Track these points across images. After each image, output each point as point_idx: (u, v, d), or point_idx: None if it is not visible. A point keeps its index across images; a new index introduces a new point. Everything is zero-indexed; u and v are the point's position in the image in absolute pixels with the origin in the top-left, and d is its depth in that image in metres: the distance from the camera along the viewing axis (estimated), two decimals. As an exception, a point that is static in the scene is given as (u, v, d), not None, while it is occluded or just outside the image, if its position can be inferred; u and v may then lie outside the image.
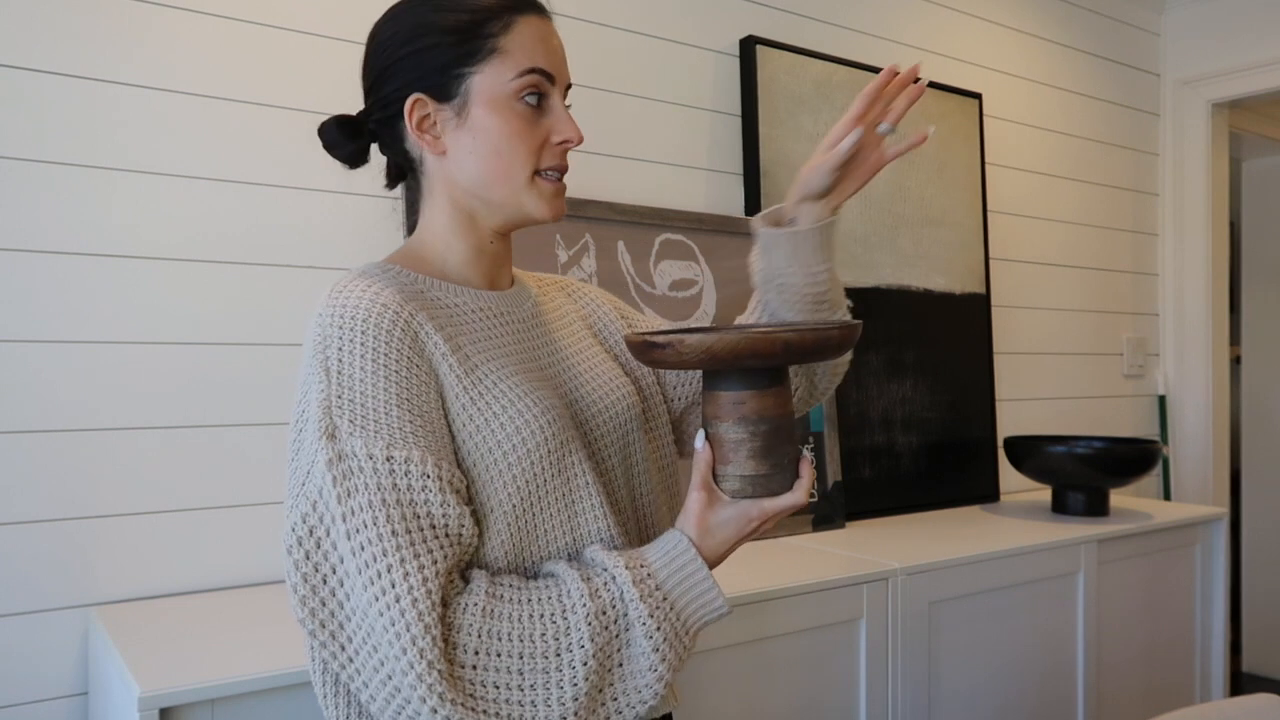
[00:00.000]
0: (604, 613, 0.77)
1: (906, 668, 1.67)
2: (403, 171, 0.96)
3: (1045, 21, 2.77)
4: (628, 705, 0.78)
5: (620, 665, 0.78)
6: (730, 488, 0.84)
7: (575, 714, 0.75)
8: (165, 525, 1.47)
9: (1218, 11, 2.96)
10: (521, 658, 0.75)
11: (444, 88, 0.87)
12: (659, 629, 0.78)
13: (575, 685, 0.75)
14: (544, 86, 0.88)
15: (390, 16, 0.90)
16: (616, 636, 0.78)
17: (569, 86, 0.92)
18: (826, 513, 2.02)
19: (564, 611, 0.77)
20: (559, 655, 0.75)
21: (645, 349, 0.81)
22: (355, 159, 0.94)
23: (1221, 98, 2.95)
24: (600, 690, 0.77)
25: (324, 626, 0.76)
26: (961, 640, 1.78)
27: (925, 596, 1.70)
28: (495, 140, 0.87)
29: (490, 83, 0.86)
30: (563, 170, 0.90)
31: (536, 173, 0.89)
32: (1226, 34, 2.94)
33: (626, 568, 0.79)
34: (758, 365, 0.80)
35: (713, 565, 0.83)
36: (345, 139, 0.92)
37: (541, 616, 0.76)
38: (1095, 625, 2.01)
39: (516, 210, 0.89)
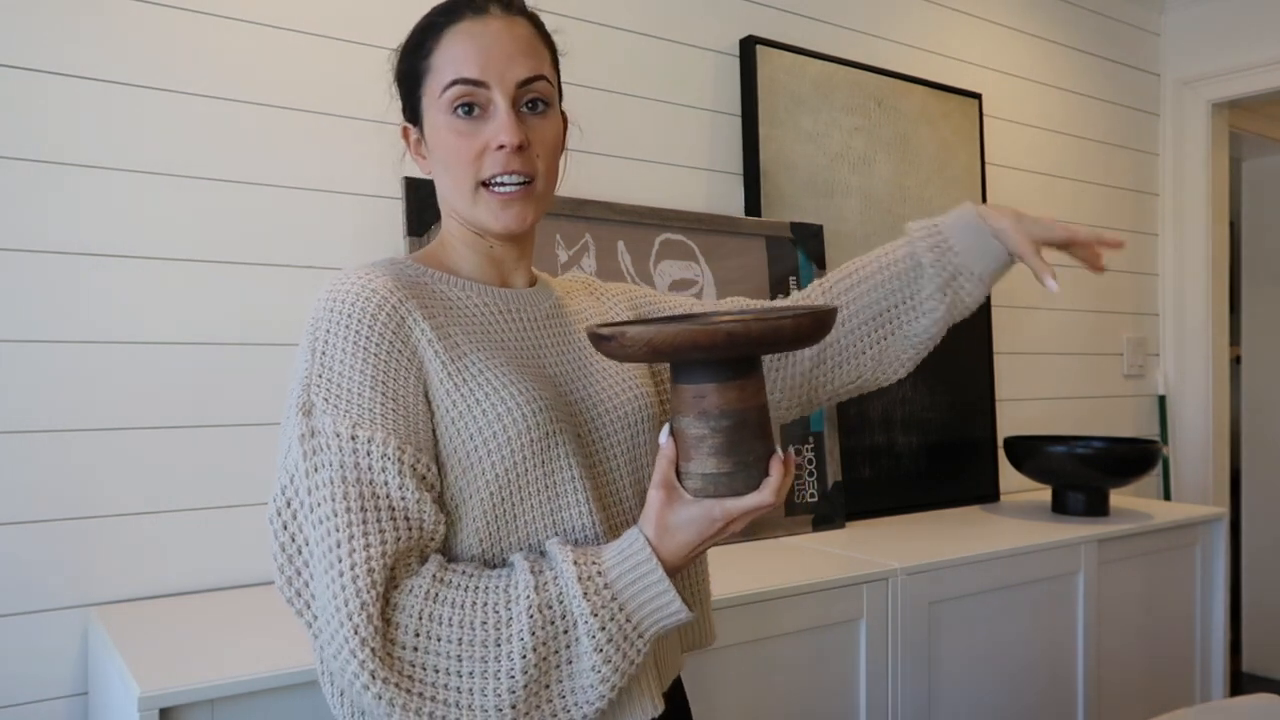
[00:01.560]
0: (549, 607, 0.76)
1: (906, 668, 1.67)
2: None
3: (1045, 21, 2.77)
4: (575, 705, 0.77)
5: (569, 663, 0.77)
6: (691, 486, 0.79)
7: (513, 706, 0.74)
8: (165, 525, 1.47)
9: (1218, 11, 2.96)
10: (460, 644, 0.75)
11: (413, 113, 0.92)
12: (603, 629, 0.76)
13: (513, 678, 0.74)
14: (474, 95, 0.85)
15: None
16: (564, 633, 0.77)
17: (530, 80, 0.87)
18: (826, 513, 2.02)
19: (508, 603, 0.76)
20: (498, 645, 0.75)
21: (596, 341, 0.79)
22: None
23: (1221, 98, 2.95)
24: (547, 686, 0.76)
25: (299, 595, 0.79)
26: (961, 640, 1.78)
27: (925, 596, 1.70)
28: (440, 157, 0.89)
29: (429, 101, 0.88)
30: (518, 175, 0.86)
31: (484, 184, 0.87)
32: (1226, 34, 2.94)
33: (575, 564, 0.78)
34: (702, 358, 0.76)
35: (674, 567, 0.80)
36: None
37: (485, 605, 0.76)
38: (1095, 625, 2.01)
39: (475, 223, 0.89)
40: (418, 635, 0.74)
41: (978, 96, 2.53)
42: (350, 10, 1.64)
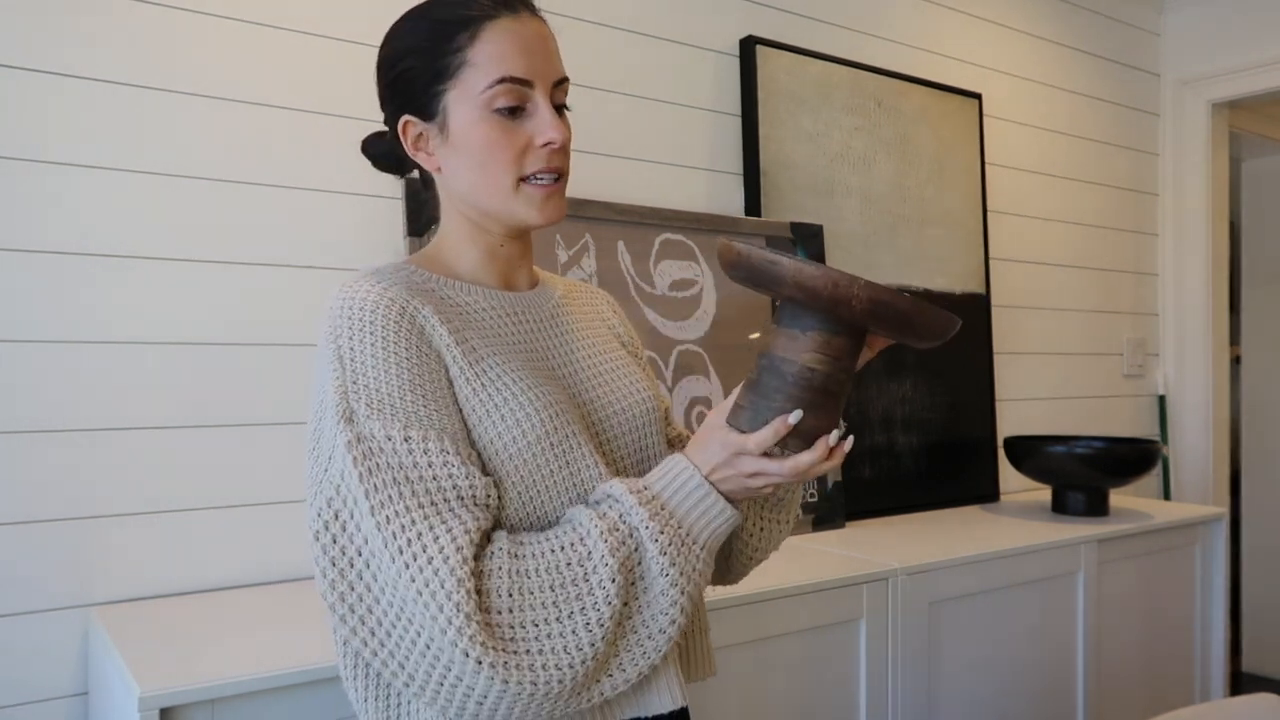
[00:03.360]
0: (615, 529, 0.79)
1: (906, 668, 1.67)
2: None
3: (1045, 21, 2.77)
4: (652, 618, 0.79)
5: (641, 579, 0.80)
6: (727, 411, 0.86)
7: (603, 639, 0.76)
8: (165, 525, 1.47)
9: (1218, 11, 2.96)
10: (553, 589, 0.77)
11: (425, 107, 0.89)
12: (662, 532, 0.80)
13: (610, 604, 0.77)
14: (519, 93, 0.86)
15: (384, 40, 0.92)
16: (635, 550, 0.80)
17: (561, 81, 0.90)
18: (826, 513, 2.02)
19: (581, 538, 0.79)
20: (587, 579, 0.77)
21: (725, 251, 0.85)
22: (400, 168, 0.99)
23: (1221, 98, 2.95)
24: (625, 604, 0.79)
25: (353, 611, 0.77)
26: (961, 640, 1.78)
27: (925, 596, 1.70)
28: (476, 154, 0.87)
29: (463, 97, 0.87)
30: (555, 172, 0.89)
31: (524, 179, 0.88)
32: (1226, 34, 2.94)
33: (625, 487, 0.82)
34: (795, 297, 0.79)
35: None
36: (383, 154, 0.97)
37: (563, 548, 0.79)
38: (1095, 625, 2.01)
39: (509, 218, 0.90)
40: (510, 595, 0.75)
41: (978, 96, 2.53)
42: (351, 10, 1.64)
